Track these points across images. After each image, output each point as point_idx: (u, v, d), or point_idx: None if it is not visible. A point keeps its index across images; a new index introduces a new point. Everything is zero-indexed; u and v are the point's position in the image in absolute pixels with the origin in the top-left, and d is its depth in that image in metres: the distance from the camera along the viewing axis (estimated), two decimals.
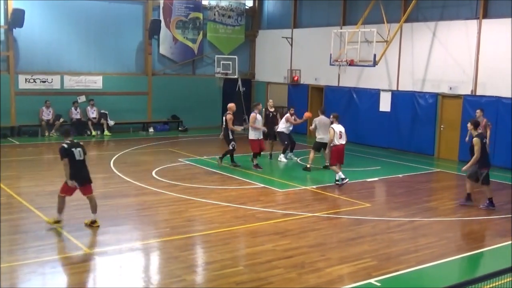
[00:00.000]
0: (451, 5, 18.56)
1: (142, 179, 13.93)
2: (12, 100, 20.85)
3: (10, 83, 20.72)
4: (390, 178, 15.37)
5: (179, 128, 24.25)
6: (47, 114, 21.31)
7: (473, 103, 17.68)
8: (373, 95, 20.86)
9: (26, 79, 21.09)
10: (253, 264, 8.33)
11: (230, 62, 24.52)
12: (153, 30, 23.14)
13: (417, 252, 9.06)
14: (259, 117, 15.93)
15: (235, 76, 24.73)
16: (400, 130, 20.01)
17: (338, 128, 14.19)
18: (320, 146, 15.89)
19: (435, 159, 18.65)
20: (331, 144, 14.20)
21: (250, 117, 15.94)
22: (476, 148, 11.60)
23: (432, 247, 9.42)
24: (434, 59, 18.95)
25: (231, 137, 15.69)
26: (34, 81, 21.28)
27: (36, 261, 8.18)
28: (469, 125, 12.37)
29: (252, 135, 15.79)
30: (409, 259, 8.70)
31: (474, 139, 11.71)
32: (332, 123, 14.55)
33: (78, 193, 9.80)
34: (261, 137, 15.99)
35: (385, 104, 20.48)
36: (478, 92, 17.76)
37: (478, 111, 15.53)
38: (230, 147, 15.73)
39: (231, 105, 16.12)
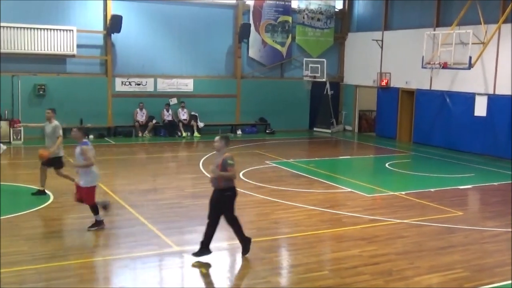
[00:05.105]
0: None
1: None
2: (109, 102, 21.89)
3: (108, 85, 21.77)
4: (484, 186, 14.66)
5: (267, 131, 24.43)
6: (140, 116, 22.18)
7: None
8: (468, 99, 20.01)
9: (122, 82, 22.07)
10: (338, 269, 8.23)
11: (319, 65, 24.42)
12: (243, 33, 23.53)
13: None
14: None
15: (323, 79, 24.59)
16: (497, 135, 19.05)
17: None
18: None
19: None
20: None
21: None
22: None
23: None
24: None
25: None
26: (130, 84, 22.23)
27: (128, 256, 8.53)
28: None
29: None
30: (504, 272, 8.25)
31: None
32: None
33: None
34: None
35: (480, 109, 19.59)
36: None
37: None
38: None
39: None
